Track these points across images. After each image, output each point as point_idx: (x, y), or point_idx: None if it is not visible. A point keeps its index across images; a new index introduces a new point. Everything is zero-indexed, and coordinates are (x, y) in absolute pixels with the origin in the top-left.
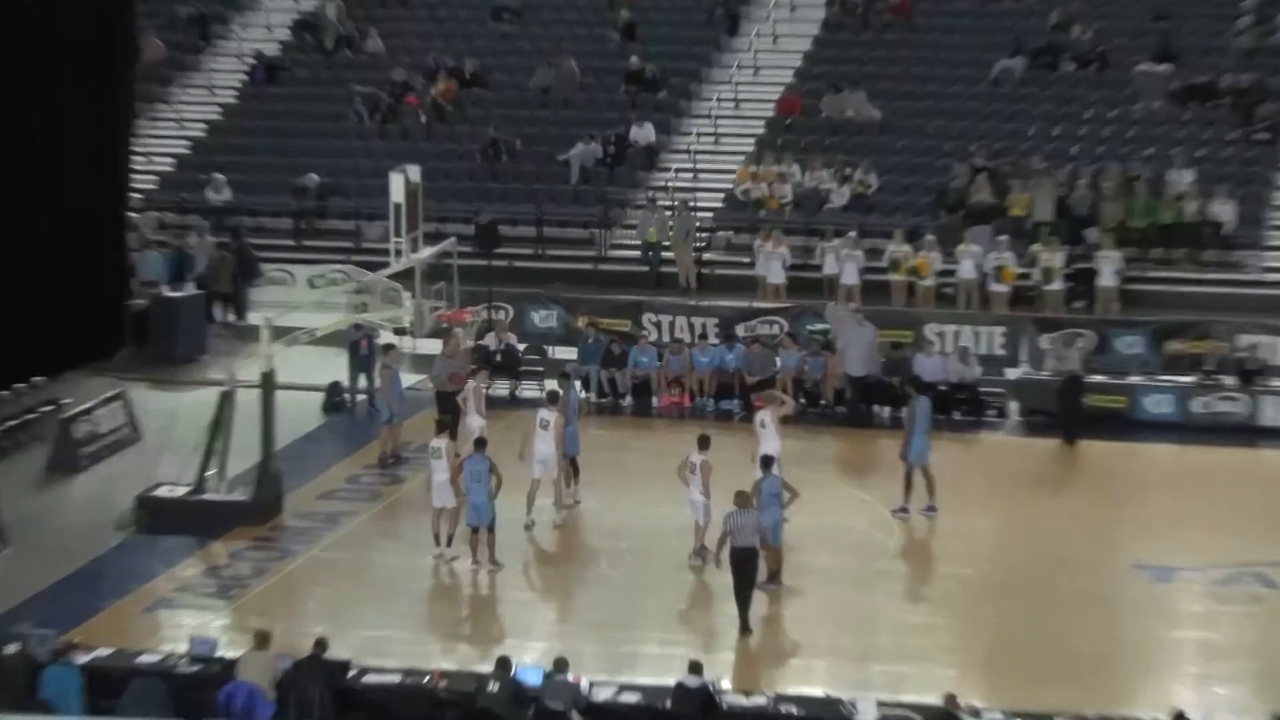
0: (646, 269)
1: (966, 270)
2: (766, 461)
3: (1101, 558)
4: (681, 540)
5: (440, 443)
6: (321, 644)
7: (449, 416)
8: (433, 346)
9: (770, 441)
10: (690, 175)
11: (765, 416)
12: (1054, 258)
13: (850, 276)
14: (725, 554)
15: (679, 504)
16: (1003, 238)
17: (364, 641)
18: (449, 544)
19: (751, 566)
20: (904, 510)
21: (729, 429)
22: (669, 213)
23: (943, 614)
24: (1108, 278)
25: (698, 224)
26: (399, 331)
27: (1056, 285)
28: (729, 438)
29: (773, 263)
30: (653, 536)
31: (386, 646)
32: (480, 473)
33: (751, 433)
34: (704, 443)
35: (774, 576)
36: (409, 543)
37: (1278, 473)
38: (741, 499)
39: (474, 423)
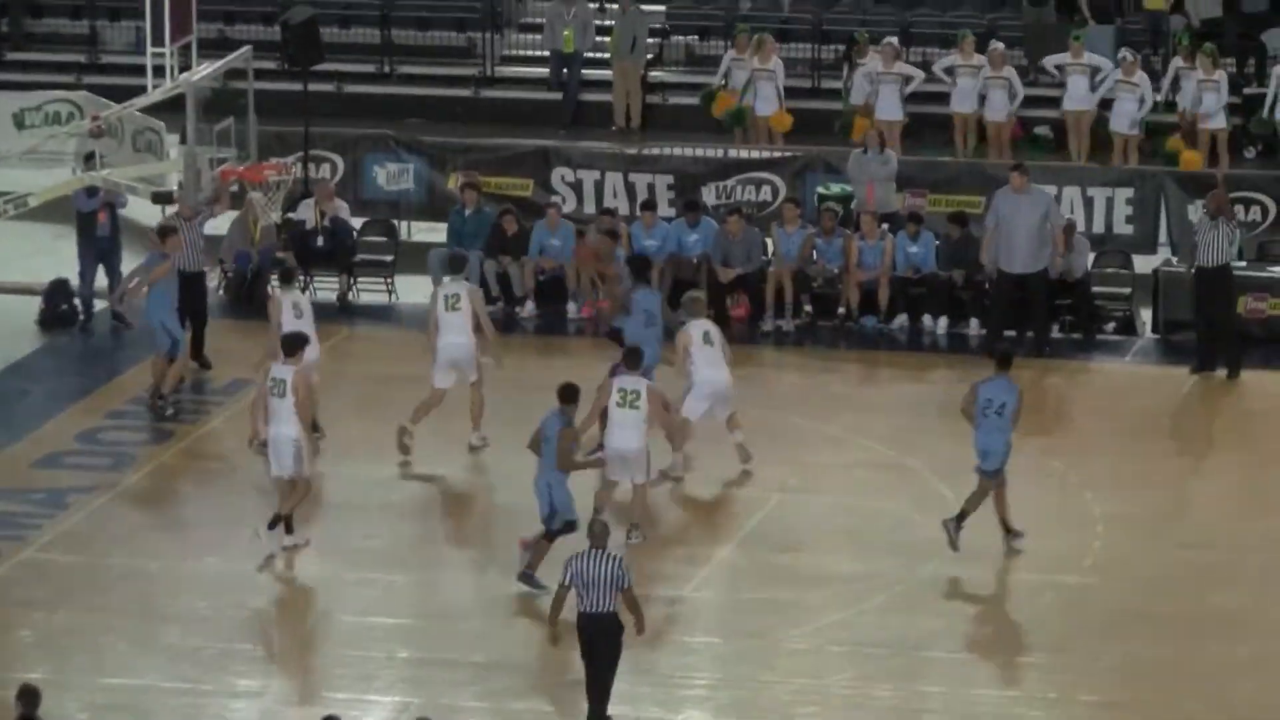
0: (559, 97)
1: (1075, 96)
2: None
3: (1278, 560)
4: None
5: (286, 372)
6: (28, 699)
7: (302, 333)
8: (218, 223)
9: (715, 369)
10: None
11: (711, 330)
12: (1214, 77)
13: (889, 108)
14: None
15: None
16: (1126, 53)
17: (107, 696)
18: (288, 529)
19: (607, 642)
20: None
21: None
22: (595, 6)
23: (1031, 650)
24: None
25: (648, 25)
26: (160, 198)
27: (1217, 122)
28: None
29: (762, 86)
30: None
31: (143, 702)
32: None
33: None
34: (633, 359)
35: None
36: (183, 534)
37: None
38: (596, 533)
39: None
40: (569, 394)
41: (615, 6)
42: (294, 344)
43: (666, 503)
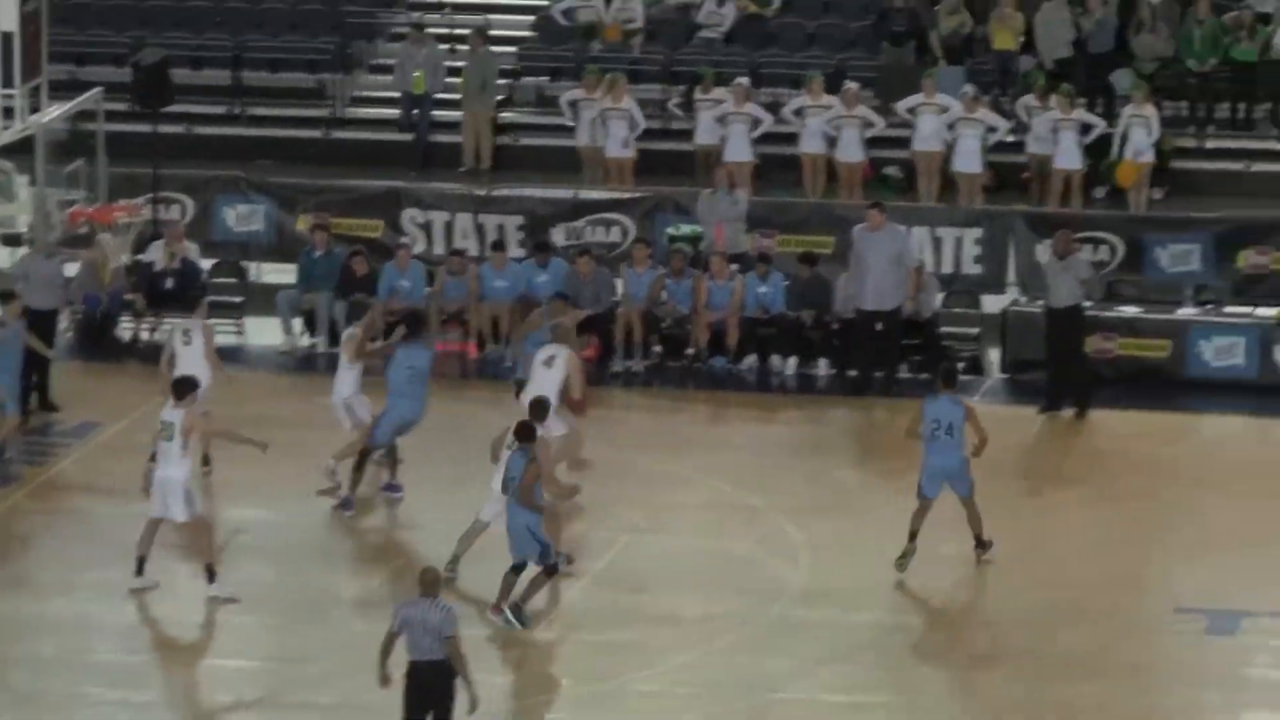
0: (409, 138)
1: (925, 136)
2: (538, 407)
3: (1127, 599)
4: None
5: (175, 415)
6: None
7: (193, 378)
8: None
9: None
10: None
11: (558, 354)
12: (1071, 116)
13: (739, 148)
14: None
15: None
16: (968, 88)
17: None
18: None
19: (439, 690)
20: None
21: None
22: (446, 47)
23: (880, 690)
24: (1144, 149)
25: (498, 66)
26: (9, 240)
27: (1068, 163)
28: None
29: (613, 127)
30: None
31: None
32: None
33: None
34: (539, 410)
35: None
36: (29, 577)
37: None
38: (426, 580)
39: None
40: (527, 432)
41: (465, 47)
42: (183, 387)
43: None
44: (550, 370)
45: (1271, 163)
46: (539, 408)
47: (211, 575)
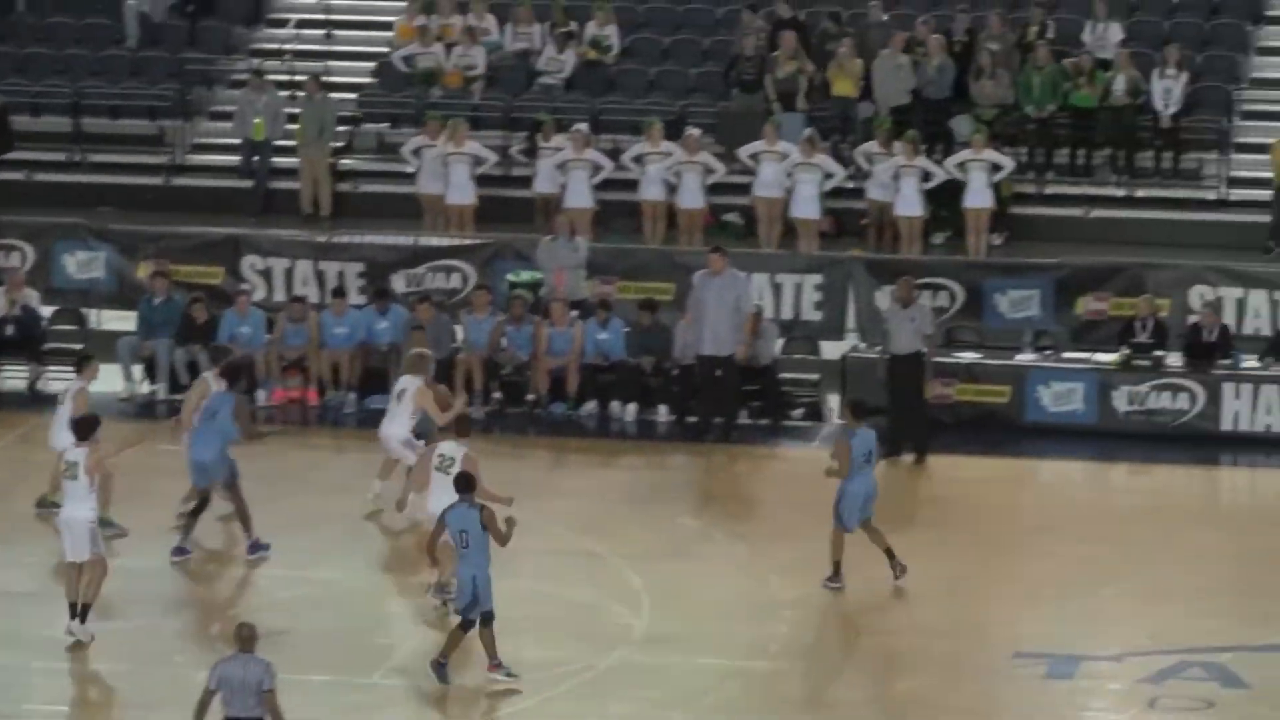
0: (249, 185)
1: (766, 183)
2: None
3: (966, 643)
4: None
5: (79, 454)
6: None
7: (95, 416)
8: None
9: (396, 423)
10: (322, 32)
11: (409, 387)
12: (915, 163)
13: (579, 194)
14: None
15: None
16: (807, 132)
17: None
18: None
19: None
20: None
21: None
22: (286, 94)
23: None
24: (982, 196)
25: (336, 112)
26: None
27: (909, 209)
28: (381, 458)
29: (455, 171)
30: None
31: None
32: None
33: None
34: (462, 426)
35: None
36: None
37: (1246, 505)
38: (243, 636)
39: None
40: (467, 483)
41: (303, 94)
42: (86, 427)
43: (347, 590)
44: (400, 404)
45: (1110, 208)
46: (465, 481)
47: (85, 615)
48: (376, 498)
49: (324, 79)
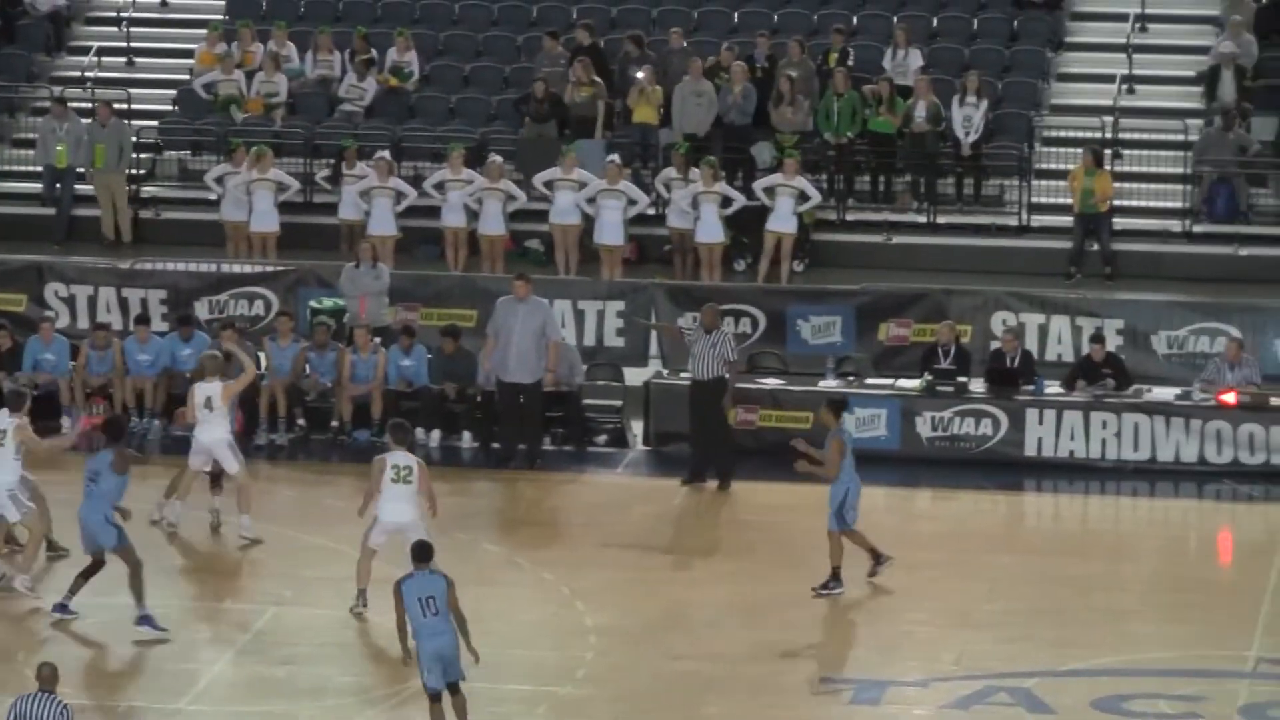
0: (51, 212)
1: (562, 210)
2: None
3: (772, 668)
4: None
5: (8, 422)
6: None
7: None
8: None
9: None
10: (123, 60)
11: (213, 392)
12: (714, 189)
13: (382, 221)
14: None
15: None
16: (613, 158)
17: None
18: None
19: None
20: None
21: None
22: (88, 122)
23: None
24: (784, 221)
25: (135, 139)
26: None
27: (710, 236)
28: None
29: (258, 198)
30: None
31: None
32: None
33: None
34: (401, 433)
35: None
36: None
37: (1050, 530)
38: (43, 676)
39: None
40: (427, 552)
41: (97, 114)
42: (16, 399)
43: (163, 617)
44: (213, 410)
45: (912, 235)
46: (422, 550)
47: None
48: (170, 524)
49: (125, 106)
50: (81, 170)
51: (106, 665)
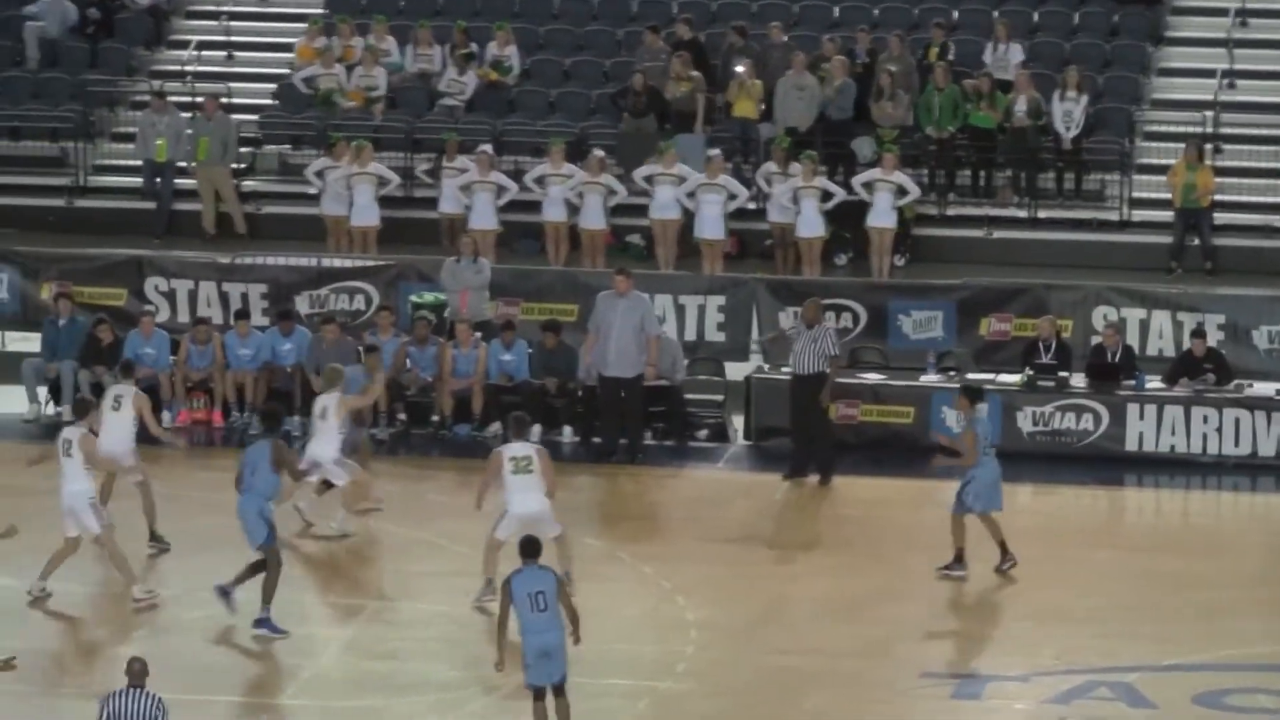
0: (152, 206)
1: (663, 205)
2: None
3: (872, 663)
4: None
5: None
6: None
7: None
8: None
9: (326, 442)
10: (223, 54)
11: (329, 403)
12: (813, 183)
13: (483, 215)
14: None
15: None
16: (714, 152)
17: None
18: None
19: None
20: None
21: None
22: (190, 116)
23: None
24: (884, 216)
25: (237, 133)
26: None
27: (810, 230)
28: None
29: (359, 192)
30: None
31: None
32: None
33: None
34: (520, 426)
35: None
36: None
37: (1150, 526)
38: (133, 670)
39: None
40: (536, 548)
41: (200, 108)
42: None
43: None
44: (325, 421)
45: (1012, 229)
46: (530, 546)
47: None
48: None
49: (225, 100)
50: (183, 164)
51: (207, 659)
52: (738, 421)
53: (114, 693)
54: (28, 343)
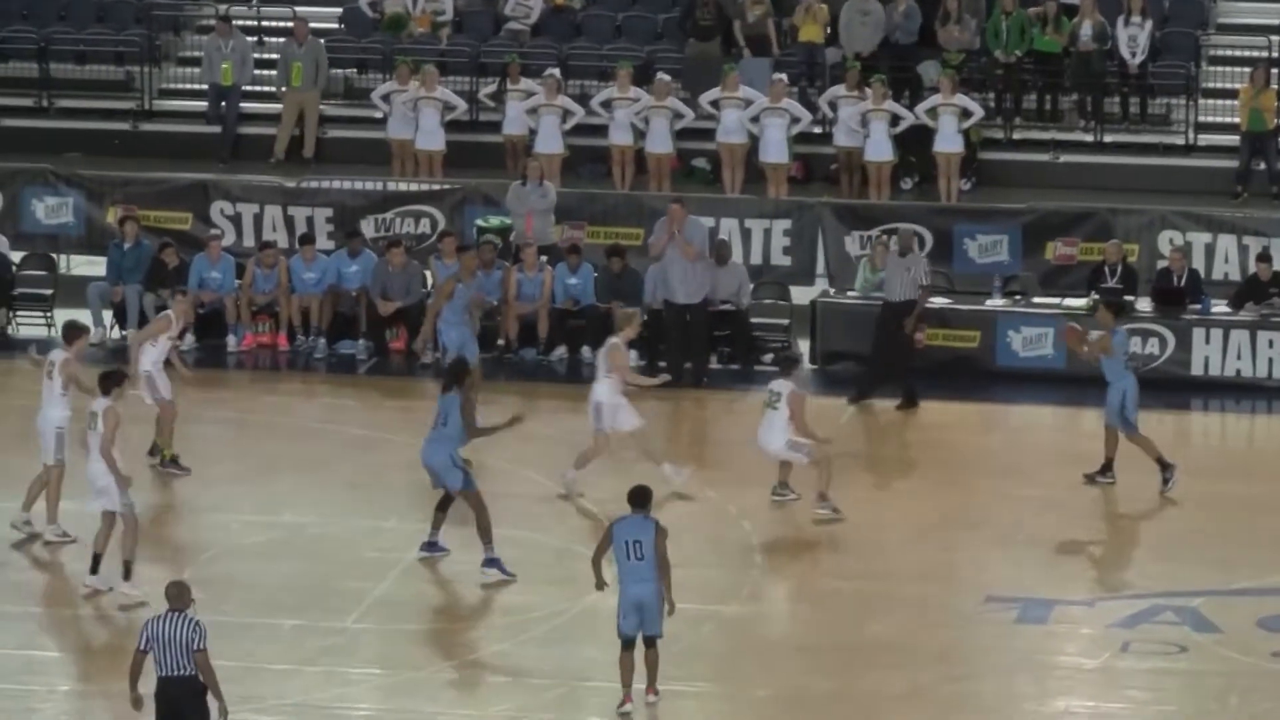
0: (217, 130)
1: (728, 129)
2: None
3: (937, 588)
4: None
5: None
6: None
7: (121, 367)
8: None
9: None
10: None
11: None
12: (883, 106)
13: (549, 139)
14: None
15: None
16: (778, 76)
17: None
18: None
19: (191, 706)
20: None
21: (352, 386)
22: (254, 39)
23: (691, 679)
24: (950, 141)
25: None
26: None
27: (879, 154)
28: (352, 404)
29: (425, 116)
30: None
31: None
32: None
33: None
34: (788, 365)
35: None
36: None
37: (1216, 450)
38: (172, 594)
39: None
40: (645, 497)
41: (273, 39)
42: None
43: (317, 535)
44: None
45: (1078, 154)
46: (639, 495)
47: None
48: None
49: (289, 24)
50: (247, 88)
51: (272, 583)
52: (803, 345)
53: (153, 617)
54: (93, 266)
